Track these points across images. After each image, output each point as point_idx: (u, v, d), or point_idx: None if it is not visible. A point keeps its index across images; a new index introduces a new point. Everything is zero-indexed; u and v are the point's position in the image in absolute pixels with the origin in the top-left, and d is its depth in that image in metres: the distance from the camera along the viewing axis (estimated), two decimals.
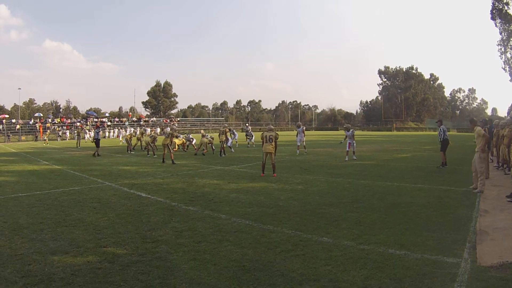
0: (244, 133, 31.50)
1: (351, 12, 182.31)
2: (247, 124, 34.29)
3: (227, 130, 23.27)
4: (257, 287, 3.95)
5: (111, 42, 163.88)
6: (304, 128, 22.21)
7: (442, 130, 14.87)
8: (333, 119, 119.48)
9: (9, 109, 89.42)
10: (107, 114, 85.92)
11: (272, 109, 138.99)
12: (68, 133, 56.19)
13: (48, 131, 50.03)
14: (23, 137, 51.78)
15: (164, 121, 76.88)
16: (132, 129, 46.84)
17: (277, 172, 12.79)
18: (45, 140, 43.41)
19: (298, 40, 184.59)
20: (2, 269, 4.39)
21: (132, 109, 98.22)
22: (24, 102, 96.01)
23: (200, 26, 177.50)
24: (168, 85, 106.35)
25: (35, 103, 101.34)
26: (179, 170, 14.49)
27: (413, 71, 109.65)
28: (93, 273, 4.32)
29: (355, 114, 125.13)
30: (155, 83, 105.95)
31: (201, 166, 15.72)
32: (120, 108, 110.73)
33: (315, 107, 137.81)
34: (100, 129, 27.00)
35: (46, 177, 12.78)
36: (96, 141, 22.29)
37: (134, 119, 77.25)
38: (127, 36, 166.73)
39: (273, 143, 12.52)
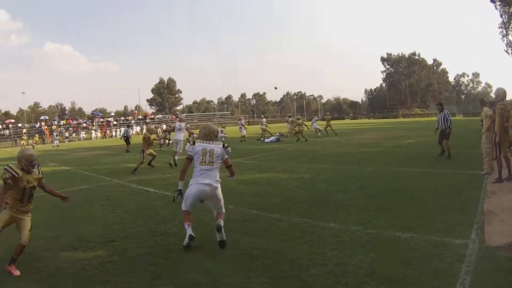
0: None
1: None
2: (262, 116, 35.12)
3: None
4: (265, 273, 3.98)
5: (111, 41, 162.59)
6: (244, 121, 21.81)
7: (447, 114, 12.45)
8: (339, 109, 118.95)
9: (15, 114, 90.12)
10: (112, 114, 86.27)
11: (277, 101, 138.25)
12: (83, 134, 57.05)
13: (33, 136, 48.88)
14: (30, 141, 52.12)
15: (170, 117, 76.92)
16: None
17: (285, 162, 12.73)
18: (32, 145, 41.25)
19: (299, 31, 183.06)
20: None
21: (138, 107, 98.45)
22: (29, 106, 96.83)
23: (198, 21, 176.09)
24: (171, 81, 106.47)
25: (40, 107, 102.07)
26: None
27: (416, 57, 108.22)
28: (103, 266, 4.39)
29: (360, 102, 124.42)
30: (159, 80, 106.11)
31: None
32: (126, 107, 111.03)
33: (320, 97, 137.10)
34: (130, 128, 28.13)
35: (54, 178, 12.87)
36: (126, 138, 24.33)
37: (140, 117, 77.49)
38: (127, 34, 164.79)
39: None
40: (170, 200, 8.02)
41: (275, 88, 22.61)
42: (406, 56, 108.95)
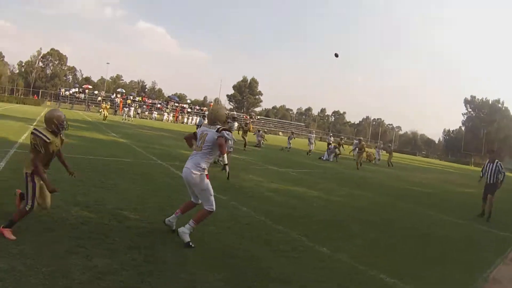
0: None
1: (445, 35, 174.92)
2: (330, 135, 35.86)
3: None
4: (227, 271, 4.19)
5: (203, 31, 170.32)
6: (314, 136, 21.40)
7: (500, 166, 10.35)
8: (414, 143, 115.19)
9: (95, 81, 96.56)
10: (188, 101, 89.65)
11: (356, 123, 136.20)
12: (155, 114, 59.99)
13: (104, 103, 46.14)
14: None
15: (244, 116, 78.39)
16: None
17: (329, 182, 12.79)
18: (100, 112, 40.31)
19: (387, 57, 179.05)
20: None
21: (217, 100, 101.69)
22: (111, 77, 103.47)
23: (293, 30, 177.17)
24: (254, 82, 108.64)
25: (122, 80, 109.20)
26: (232, 163, 14.32)
27: (499, 105, 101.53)
28: (99, 226, 4.90)
29: (436, 142, 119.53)
30: (242, 78, 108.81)
31: (256, 163, 16.04)
32: (205, 98, 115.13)
33: (399, 127, 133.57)
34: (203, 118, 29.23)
35: (107, 146, 13.92)
36: (198, 127, 24.58)
37: None
38: (221, 28, 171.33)
39: None
40: None
41: (336, 55, 20.83)
42: (490, 102, 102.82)
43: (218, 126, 5.00)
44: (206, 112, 69.20)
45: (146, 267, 3.96)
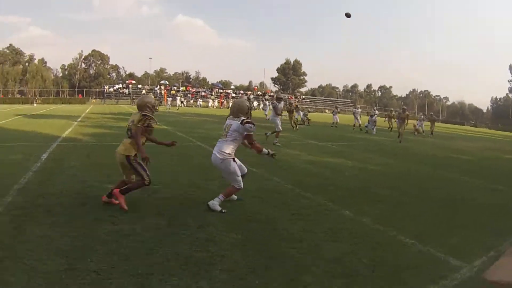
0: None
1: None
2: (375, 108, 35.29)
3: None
4: (243, 231, 4.45)
5: (243, 19, 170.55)
6: (360, 111, 21.14)
7: None
8: (461, 113, 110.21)
9: (139, 76, 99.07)
10: (232, 86, 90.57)
11: (403, 96, 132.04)
12: (200, 101, 61.20)
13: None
14: None
15: (289, 97, 78.01)
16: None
17: (366, 153, 12.85)
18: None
19: (432, 29, 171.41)
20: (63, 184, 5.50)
21: (262, 84, 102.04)
22: (155, 70, 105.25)
23: (335, 7, 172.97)
24: (297, 63, 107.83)
25: (166, 72, 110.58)
26: (273, 139, 14.05)
27: None
28: (129, 199, 5.18)
29: (484, 110, 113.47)
30: (285, 61, 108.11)
31: (297, 139, 16.28)
32: (250, 82, 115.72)
33: (446, 98, 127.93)
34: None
35: None
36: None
37: (259, 93, 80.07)
38: (259, 13, 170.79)
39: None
40: None
41: (348, 15, 17.79)
42: None
43: (242, 118, 5.29)
44: (251, 96, 70.47)
45: (167, 230, 4.32)
